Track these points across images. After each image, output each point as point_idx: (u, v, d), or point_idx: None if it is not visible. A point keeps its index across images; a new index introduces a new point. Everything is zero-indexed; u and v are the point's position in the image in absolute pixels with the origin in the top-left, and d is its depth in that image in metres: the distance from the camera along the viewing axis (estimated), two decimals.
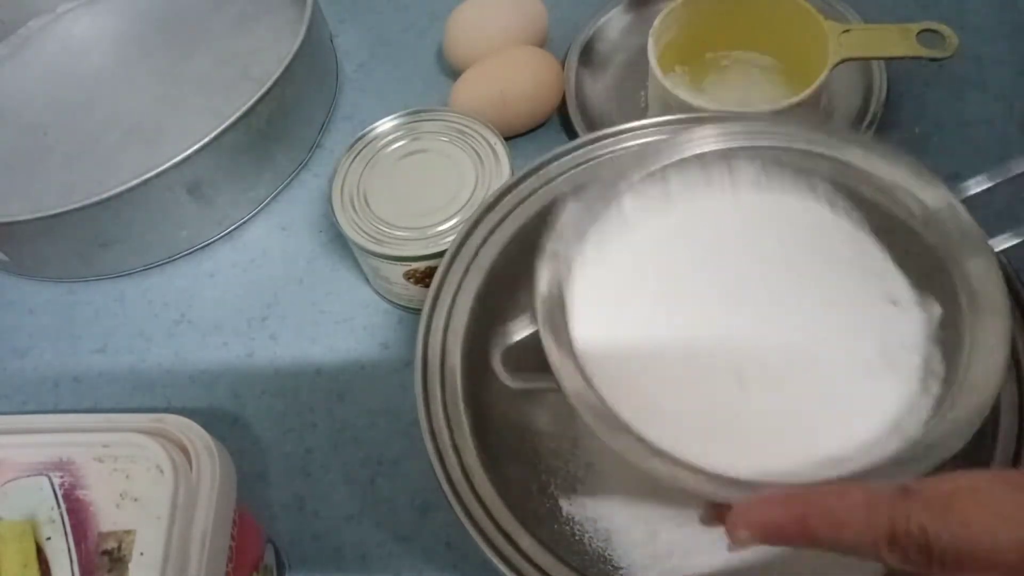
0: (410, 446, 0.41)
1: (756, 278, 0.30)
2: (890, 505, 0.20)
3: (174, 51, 0.58)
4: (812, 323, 0.28)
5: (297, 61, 0.48)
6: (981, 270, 0.26)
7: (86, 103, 0.56)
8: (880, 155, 0.29)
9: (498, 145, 0.43)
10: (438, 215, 0.41)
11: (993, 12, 0.53)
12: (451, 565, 0.37)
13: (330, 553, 0.38)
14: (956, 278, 0.26)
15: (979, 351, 0.25)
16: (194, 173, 0.45)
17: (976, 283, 0.26)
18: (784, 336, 0.28)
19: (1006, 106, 0.48)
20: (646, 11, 0.52)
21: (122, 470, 0.30)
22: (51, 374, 0.46)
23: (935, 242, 0.27)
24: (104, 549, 0.29)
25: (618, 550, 0.33)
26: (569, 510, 0.34)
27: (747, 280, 0.30)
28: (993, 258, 0.26)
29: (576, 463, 0.35)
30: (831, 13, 0.47)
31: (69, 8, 0.63)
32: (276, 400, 0.43)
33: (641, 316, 0.29)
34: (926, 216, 0.28)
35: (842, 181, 0.30)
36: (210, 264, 0.49)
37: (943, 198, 0.27)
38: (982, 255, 0.26)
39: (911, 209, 0.28)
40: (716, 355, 0.28)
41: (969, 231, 0.27)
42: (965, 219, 0.27)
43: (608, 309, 0.29)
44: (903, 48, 0.42)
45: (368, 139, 0.44)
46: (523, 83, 0.48)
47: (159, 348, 0.46)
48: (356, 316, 0.46)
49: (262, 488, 0.40)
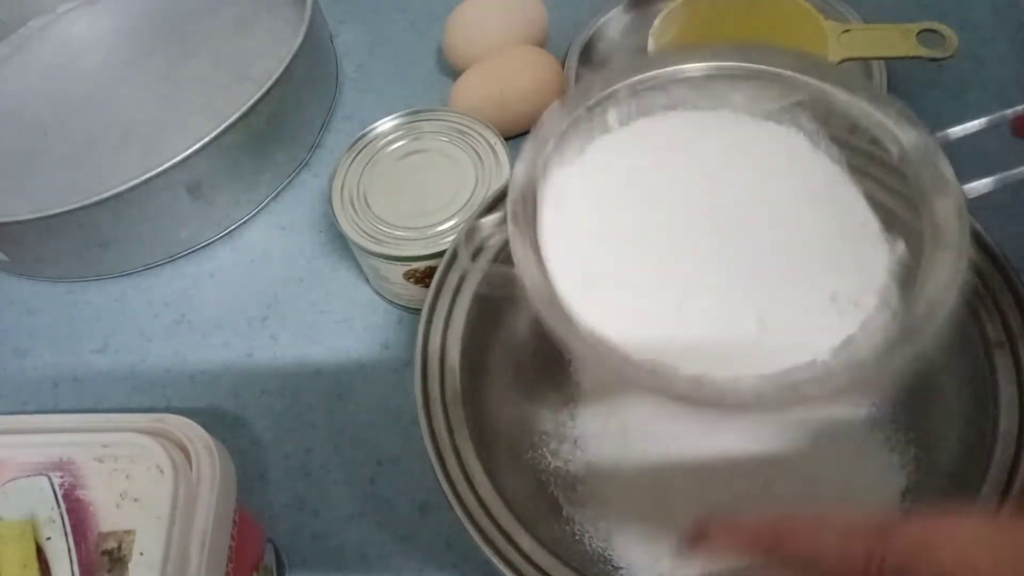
0: (410, 446, 0.41)
1: (729, 197, 0.30)
2: (865, 542, 0.20)
3: (174, 51, 0.58)
4: (779, 247, 0.28)
5: (297, 61, 0.48)
6: (947, 207, 0.26)
7: (86, 103, 0.56)
8: (866, 93, 0.29)
9: (498, 145, 0.43)
10: (438, 215, 0.41)
11: (993, 12, 0.53)
12: (451, 565, 0.37)
13: (330, 553, 0.38)
14: (923, 216, 0.27)
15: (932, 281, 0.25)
16: (194, 173, 0.45)
17: (939, 219, 0.26)
18: (748, 254, 0.28)
19: (1006, 106, 0.48)
20: (646, 11, 0.52)
21: (122, 470, 0.30)
22: (51, 374, 0.46)
23: (909, 181, 0.27)
24: (104, 549, 0.29)
25: (618, 550, 0.33)
26: (569, 510, 0.34)
27: (720, 197, 0.30)
28: (961, 198, 0.26)
29: (576, 463, 0.35)
30: (831, 13, 0.47)
31: (69, 8, 0.63)
32: (276, 400, 0.43)
33: (608, 214, 0.29)
34: (903, 155, 0.28)
35: (825, 116, 0.30)
36: (210, 264, 0.49)
37: (921, 138, 0.28)
38: (950, 194, 0.26)
39: (889, 148, 0.28)
40: (682, 264, 0.28)
41: (941, 171, 0.27)
42: (939, 160, 0.27)
43: (577, 205, 0.29)
44: (903, 48, 0.42)
45: (368, 139, 0.44)
46: (523, 83, 0.48)
47: (159, 348, 0.46)
48: (356, 316, 0.46)
49: (262, 488, 0.40)
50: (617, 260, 0.28)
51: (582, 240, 0.28)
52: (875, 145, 0.29)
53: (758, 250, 0.28)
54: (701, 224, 0.29)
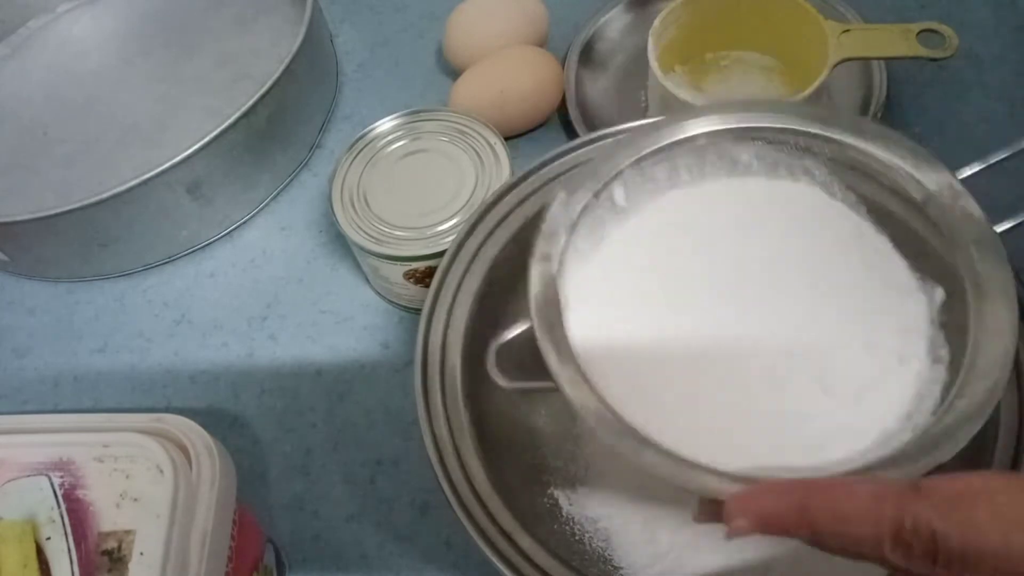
0: (410, 446, 0.41)
1: (755, 266, 0.29)
2: (897, 501, 0.19)
3: (174, 51, 0.58)
4: (813, 312, 0.28)
5: (297, 61, 0.48)
6: (985, 253, 0.25)
7: (86, 103, 0.56)
8: (878, 137, 0.28)
9: (498, 145, 0.43)
10: (438, 215, 0.41)
11: (993, 12, 0.53)
12: (451, 565, 0.37)
13: (330, 553, 0.38)
14: (959, 261, 0.26)
15: (986, 334, 0.24)
16: (194, 173, 0.45)
17: (980, 266, 0.25)
18: (786, 327, 0.28)
19: (1006, 106, 0.48)
20: (646, 11, 0.52)
21: (122, 470, 0.30)
22: (51, 374, 0.46)
23: (936, 224, 0.27)
24: (104, 549, 0.29)
25: (618, 550, 0.33)
26: (569, 510, 0.34)
27: (745, 269, 0.29)
28: (997, 241, 0.26)
29: (576, 463, 0.35)
30: (831, 13, 0.47)
31: (69, 8, 0.63)
32: (276, 400, 0.43)
33: (638, 310, 0.29)
34: (926, 198, 0.27)
35: (839, 164, 0.29)
36: (210, 264, 0.49)
37: (944, 180, 0.27)
38: (986, 237, 0.25)
39: (910, 192, 0.27)
40: (717, 349, 0.27)
41: (971, 213, 0.26)
42: (967, 201, 0.26)
43: (604, 304, 0.29)
44: (903, 48, 0.42)
45: (368, 139, 0.44)
46: (523, 83, 0.48)
47: (159, 348, 0.46)
48: (356, 316, 0.46)
49: (262, 488, 0.40)
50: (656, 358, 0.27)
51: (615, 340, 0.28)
52: (895, 190, 0.28)
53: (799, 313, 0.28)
54: (735, 303, 0.28)
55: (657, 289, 0.29)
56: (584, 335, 0.27)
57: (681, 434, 0.25)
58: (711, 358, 0.27)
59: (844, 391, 0.26)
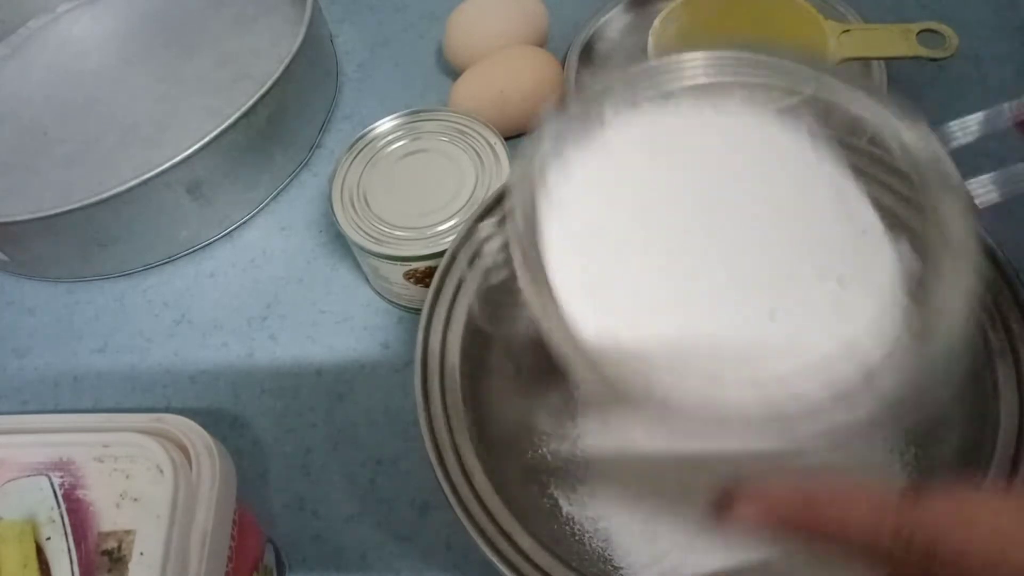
0: (410, 446, 0.41)
1: (733, 201, 0.29)
2: (897, 512, 0.20)
3: (174, 51, 0.58)
4: (784, 248, 0.28)
5: (297, 61, 0.48)
6: (953, 210, 0.26)
7: (86, 103, 0.56)
8: (866, 93, 0.29)
9: (498, 145, 0.43)
10: (438, 215, 0.41)
11: (993, 12, 0.53)
12: (451, 565, 0.37)
13: (330, 553, 0.38)
14: (928, 216, 0.26)
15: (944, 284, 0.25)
16: (194, 173, 0.45)
17: (946, 221, 0.26)
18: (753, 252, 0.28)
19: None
20: (646, 11, 0.52)
21: (122, 470, 0.30)
22: (51, 374, 0.46)
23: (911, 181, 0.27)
24: (104, 549, 0.29)
25: (618, 550, 0.33)
26: (569, 510, 0.34)
27: (724, 202, 0.29)
28: (967, 199, 0.26)
29: (576, 463, 0.35)
30: (831, 13, 0.47)
31: (69, 8, 0.63)
32: (276, 400, 0.43)
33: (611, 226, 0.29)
34: (905, 153, 0.27)
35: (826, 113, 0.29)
36: (210, 264, 0.49)
37: (923, 138, 0.27)
38: (955, 195, 0.26)
39: (891, 148, 0.28)
40: (687, 264, 0.28)
41: (945, 170, 0.27)
42: (943, 159, 0.27)
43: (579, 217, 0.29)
44: (903, 48, 0.42)
45: (368, 139, 0.44)
46: (523, 83, 0.48)
47: (159, 348, 0.46)
48: (356, 316, 0.46)
49: (262, 488, 0.40)
50: (619, 264, 0.28)
51: (584, 247, 0.28)
52: (876, 145, 0.28)
53: (763, 248, 0.28)
54: (704, 223, 0.29)
55: (631, 201, 0.29)
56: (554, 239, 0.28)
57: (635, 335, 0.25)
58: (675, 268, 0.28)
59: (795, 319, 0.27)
